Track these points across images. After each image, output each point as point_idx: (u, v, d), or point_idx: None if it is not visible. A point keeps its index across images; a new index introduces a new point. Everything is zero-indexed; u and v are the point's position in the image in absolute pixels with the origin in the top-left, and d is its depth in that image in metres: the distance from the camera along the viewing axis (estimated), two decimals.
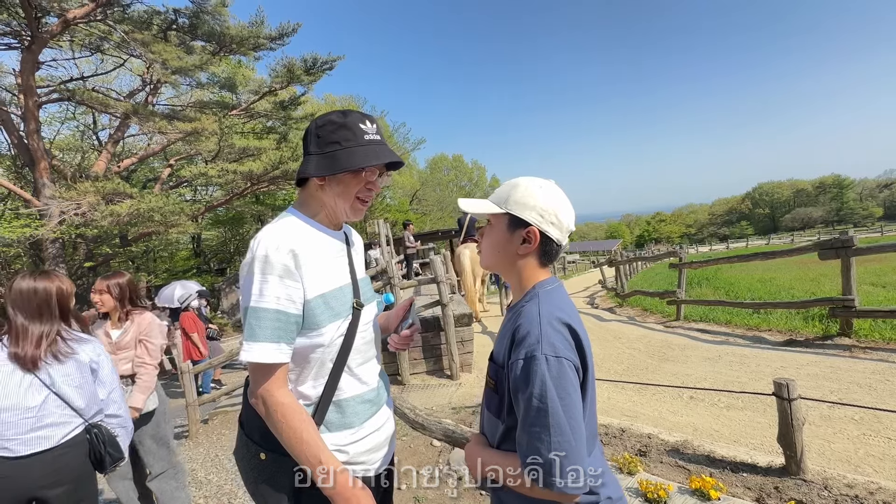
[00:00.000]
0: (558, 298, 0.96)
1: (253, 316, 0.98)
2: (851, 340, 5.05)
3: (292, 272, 1.01)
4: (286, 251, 1.01)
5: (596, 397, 0.95)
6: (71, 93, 14.22)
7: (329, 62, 17.23)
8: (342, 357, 1.10)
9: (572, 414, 0.77)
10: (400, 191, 34.82)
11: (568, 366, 0.80)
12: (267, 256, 0.99)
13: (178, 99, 19.86)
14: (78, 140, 20.72)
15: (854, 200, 77.75)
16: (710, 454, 2.80)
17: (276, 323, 0.99)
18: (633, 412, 3.98)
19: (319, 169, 1.08)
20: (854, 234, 5.13)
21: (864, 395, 3.64)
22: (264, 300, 0.98)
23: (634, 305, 10.28)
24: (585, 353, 0.86)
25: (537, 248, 0.98)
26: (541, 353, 0.81)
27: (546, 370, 0.79)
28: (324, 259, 1.10)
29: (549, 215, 0.96)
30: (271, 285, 0.98)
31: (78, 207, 12.89)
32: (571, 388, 0.79)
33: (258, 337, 0.98)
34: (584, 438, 0.79)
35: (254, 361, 0.98)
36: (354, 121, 1.09)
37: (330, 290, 1.09)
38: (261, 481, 1.08)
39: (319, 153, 1.09)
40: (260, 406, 1.01)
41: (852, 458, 2.77)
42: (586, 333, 0.92)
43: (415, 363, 5.77)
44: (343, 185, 1.11)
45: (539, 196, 0.96)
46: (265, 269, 0.99)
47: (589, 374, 0.87)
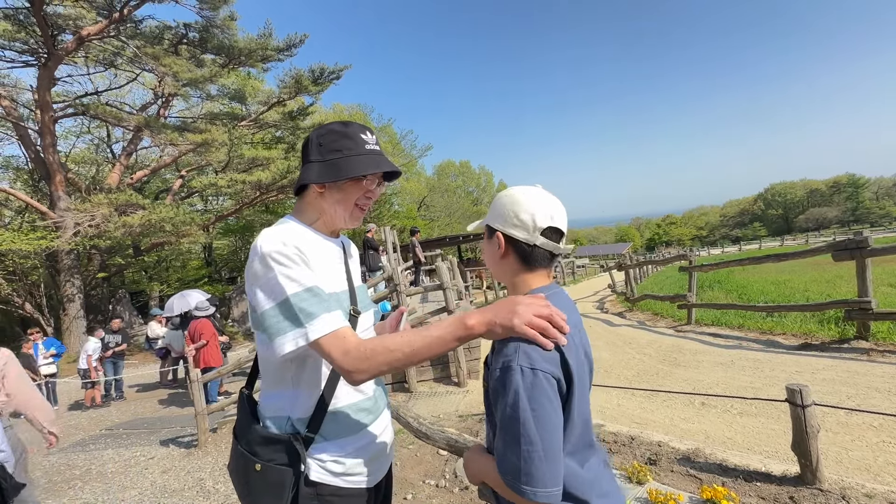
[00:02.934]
0: None
1: (297, 301, 0.93)
2: (869, 344, 4.91)
3: (306, 261, 1.00)
4: (293, 246, 1.00)
5: (589, 406, 0.93)
6: (85, 107, 14.58)
7: (336, 72, 17.46)
8: None
9: (544, 425, 0.78)
10: (408, 197, 34.96)
11: (544, 378, 0.80)
12: (278, 250, 0.97)
13: (189, 111, 20.26)
14: (92, 153, 21.21)
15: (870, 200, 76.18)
16: (722, 462, 2.73)
17: (325, 295, 0.98)
18: (644, 419, 3.90)
19: (322, 176, 1.08)
20: (869, 234, 5.01)
21: (883, 400, 3.53)
22: (302, 281, 0.96)
23: (645, 310, 10.14)
24: (570, 365, 0.84)
25: (511, 252, 0.98)
26: (516, 363, 0.81)
27: (520, 381, 0.80)
28: (322, 264, 1.09)
29: (511, 218, 0.97)
30: (298, 270, 0.97)
31: (92, 219, 13.16)
32: (546, 399, 0.79)
33: (316, 312, 0.93)
34: (556, 450, 0.79)
35: (327, 333, 0.92)
36: (355, 131, 1.11)
37: (329, 294, 1.08)
38: (256, 493, 1.06)
39: (321, 161, 1.09)
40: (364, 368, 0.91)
41: (871, 467, 2.68)
42: (580, 344, 0.90)
43: (422, 370, 5.74)
44: (343, 193, 1.11)
45: (504, 202, 0.99)
46: (281, 259, 0.97)
47: (574, 386, 0.85)
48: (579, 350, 0.91)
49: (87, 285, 15.87)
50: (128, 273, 20.41)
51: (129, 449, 5.40)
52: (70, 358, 12.14)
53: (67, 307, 14.01)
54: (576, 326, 0.95)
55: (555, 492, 0.77)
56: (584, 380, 0.90)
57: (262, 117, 18.36)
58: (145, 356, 12.85)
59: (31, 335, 8.45)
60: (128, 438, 5.92)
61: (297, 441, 1.04)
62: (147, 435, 5.98)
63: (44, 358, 8.25)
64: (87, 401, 7.94)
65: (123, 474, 4.61)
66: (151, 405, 7.89)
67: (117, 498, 4.01)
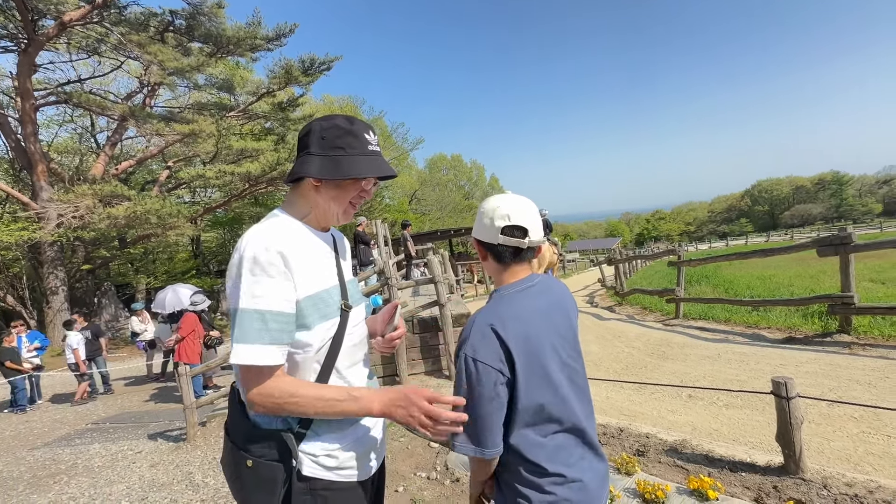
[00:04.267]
0: (510, 302, 1.07)
1: (246, 317, 0.95)
2: (851, 337, 5.03)
3: (284, 272, 0.99)
4: (275, 251, 0.98)
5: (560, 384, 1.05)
6: (68, 95, 14.20)
7: (327, 63, 17.22)
8: (330, 359, 1.08)
9: (480, 403, 0.97)
10: (399, 191, 34.81)
11: (482, 368, 0.97)
12: (256, 257, 0.96)
13: (176, 101, 19.82)
14: (76, 143, 20.71)
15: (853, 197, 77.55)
16: (708, 453, 2.79)
17: (273, 324, 0.96)
18: (632, 411, 3.96)
19: (322, 171, 1.07)
20: (853, 231, 5.11)
21: (863, 392, 3.62)
22: (258, 302, 0.95)
23: (634, 304, 10.26)
24: (514, 357, 0.98)
25: (487, 253, 1.15)
26: (463, 352, 1.00)
27: (463, 367, 0.99)
28: (312, 260, 1.08)
29: (478, 224, 1.15)
30: (264, 286, 0.96)
31: (76, 210, 12.87)
32: (481, 387, 0.97)
33: (252, 339, 0.94)
34: (486, 423, 0.98)
35: (249, 364, 0.95)
36: (360, 129, 1.09)
37: (318, 291, 1.07)
38: (248, 489, 1.05)
39: (322, 155, 1.07)
40: (261, 408, 0.98)
41: (852, 457, 2.76)
42: (530, 335, 1.01)
43: (413, 363, 5.75)
44: (340, 190, 1.10)
45: (479, 209, 1.16)
46: (255, 269, 0.96)
47: (518, 376, 0.99)
48: (545, 335, 1.05)
49: (72, 278, 15.58)
50: (113, 265, 20.06)
51: (116, 443, 5.33)
52: (54, 351, 11.93)
53: (51, 300, 13.74)
54: (550, 310, 1.10)
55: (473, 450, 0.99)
56: (545, 362, 1.03)
57: (251, 108, 18.08)
58: (132, 350, 12.68)
59: (15, 328, 8.26)
60: (115, 433, 5.85)
61: (289, 436, 1.04)
62: (134, 429, 5.91)
63: (28, 351, 8.08)
64: (81, 395, 7.81)
65: (110, 468, 4.56)
66: (138, 399, 7.80)
67: (104, 492, 3.97)
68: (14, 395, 7.54)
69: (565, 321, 1.14)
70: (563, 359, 1.08)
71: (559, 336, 1.09)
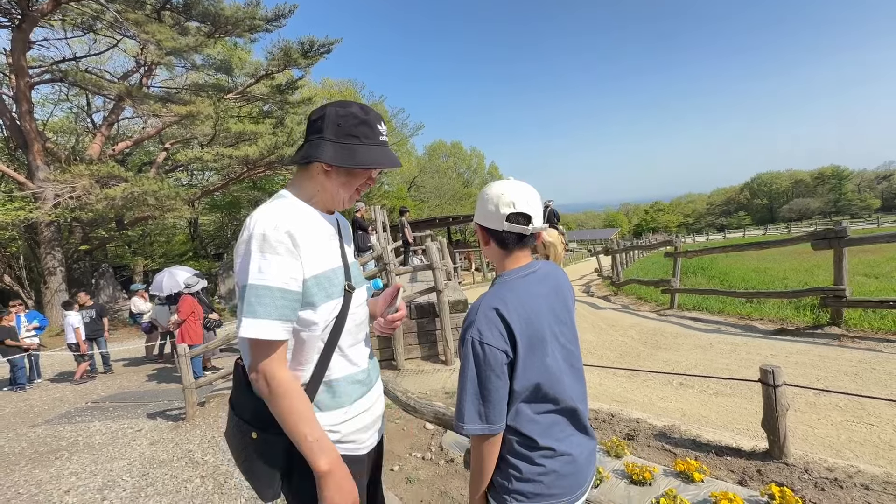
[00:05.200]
0: (513, 287, 1.11)
1: (253, 293, 0.99)
2: (841, 330, 5.12)
3: (291, 250, 1.03)
4: (284, 230, 1.02)
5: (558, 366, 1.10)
6: (63, 73, 14.01)
7: (326, 45, 16.99)
8: (333, 338, 1.13)
9: (485, 385, 1.03)
10: (398, 177, 34.63)
11: (489, 350, 1.02)
12: (265, 235, 1.00)
13: (173, 81, 19.53)
14: (72, 122, 20.45)
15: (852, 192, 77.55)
16: (696, 438, 2.87)
17: (281, 301, 1.00)
18: (624, 398, 4.05)
19: (336, 158, 1.09)
20: (848, 225, 5.16)
21: (849, 382, 3.71)
22: (266, 278, 0.99)
23: (629, 294, 10.35)
24: (516, 339, 1.03)
25: (491, 240, 1.17)
26: (469, 336, 1.04)
27: (470, 350, 1.03)
28: (318, 241, 1.12)
29: (482, 211, 1.17)
30: (272, 263, 1.00)
31: (72, 190, 12.79)
32: (489, 368, 1.02)
33: (260, 314, 0.98)
34: (495, 400, 1.03)
35: (256, 338, 0.99)
36: (374, 120, 1.13)
37: (323, 271, 1.11)
38: (252, 460, 1.10)
39: (336, 142, 1.10)
40: (262, 383, 1.02)
41: (834, 444, 2.84)
42: (531, 319, 1.06)
43: (410, 349, 5.82)
44: (350, 177, 1.14)
45: (479, 198, 1.19)
46: (264, 247, 1.00)
47: (519, 356, 1.04)
48: (546, 319, 1.10)
49: (69, 258, 15.54)
50: (111, 247, 20.02)
51: (117, 421, 5.41)
52: (53, 331, 11.99)
53: (48, 280, 13.74)
54: (550, 296, 1.15)
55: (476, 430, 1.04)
56: (545, 345, 1.08)
57: (249, 90, 17.85)
58: (130, 331, 12.76)
59: (13, 307, 8.29)
60: (115, 411, 5.93)
61: None
62: (134, 408, 5.99)
63: (26, 331, 8.13)
64: (80, 375, 7.88)
65: (111, 445, 4.64)
66: (138, 379, 7.88)
67: (105, 468, 4.05)
68: (13, 373, 7.61)
69: (564, 306, 1.20)
70: (562, 342, 1.14)
71: (558, 321, 1.15)
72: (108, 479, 3.79)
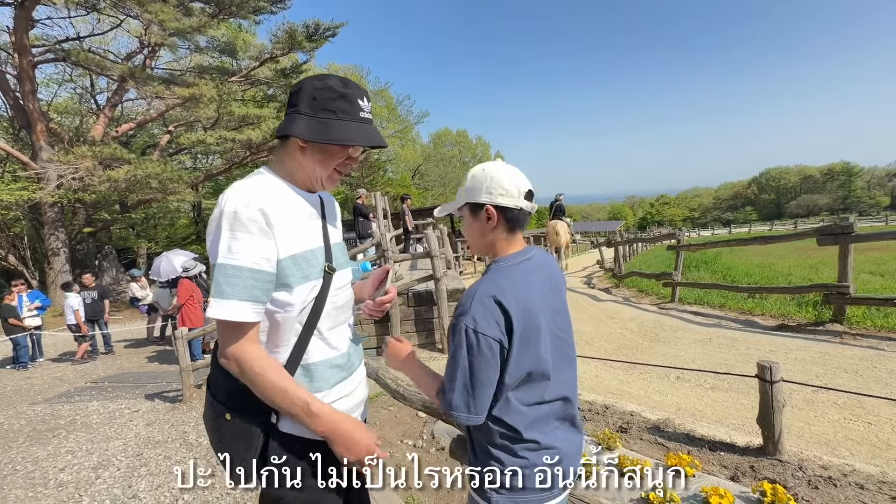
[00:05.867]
0: (509, 274, 1.07)
1: (222, 273, 0.95)
2: (843, 327, 5.05)
3: (264, 229, 0.98)
4: (256, 208, 0.98)
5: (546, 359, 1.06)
6: (66, 53, 13.88)
7: (332, 28, 16.75)
8: (311, 321, 1.09)
9: (477, 375, 1.00)
10: (402, 164, 34.50)
11: (483, 340, 0.98)
12: (237, 212, 0.96)
13: (177, 63, 19.42)
14: (76, 103, 20.40)
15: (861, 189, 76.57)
16: (689, 433, 2.84)
17: (251, 281, 0.96)
18: (620, 390, 4.02)
19: (310, 133, 1.04)
20: (854, 221, 5.06)
21: (849, 380, 3.66)
22: (236, 257, 0.95)
23: (631, 286, 10.28)
24: (513, 328, 1.00)
25: (501, 220, 1.10)
26: (462, 323, 0.99)
27: (463, 338, 0.99)
28: (295, 220, 1.07)
29: (496, 189, 1.08)
30: (243, 242, 0.96)
31: (75, 172, 12.79)
32: (482, 358, 0.99)
33: (229, 294, 0.95)
34: (484, 391, 1.01)
35: (224, 319, 0.95)
36: (354, 94, 1.06)
37: (301, 251, 1.06)
38: (226, 442, 1.07)
39: (311, 116, 1.05)
40: (232, 365, 0.99)
41: (830, 441, 2.80)
42: (528, 308, 1.02)
43: (407, 336, 5.81)
44: (326, 155, 1.08)
45: (482, 178, 1.10)
46: (235, 225, 0.96)
47: (514, 346, 1.00)
48: (541, 308, 1.06)
49: (73, 240, 15.61)
50: (115, 229, 20.09)
51: (114, 401, 5.46)
52: (55, 311, 12.08)
53: (52, 261, 13.82)
54: (545, 284, 1.11)
55: (471, 417, 1.02)
56: (539, 334, 1.04)
57: (253, 73, 17.68)
58: (132, 312, 12.84)
59: (16, 287, 8.34)
60: (113, 392, 5.98)
61: None
62: (132, 389, 6.03)
63: (28, 310, 8.18)
64: (81, 355, 7.95)
65: (108, 425, 4.68)
66: (138, 361, 7.94)
67: (101, 447, 4.08)
68: (16, 352, 7.68)
69: (558, 295, 1.16)
70: (556, 332, 1.11)
71: (553, 310, 1.11)
72: (103, 458, 3.82)
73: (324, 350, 1.12)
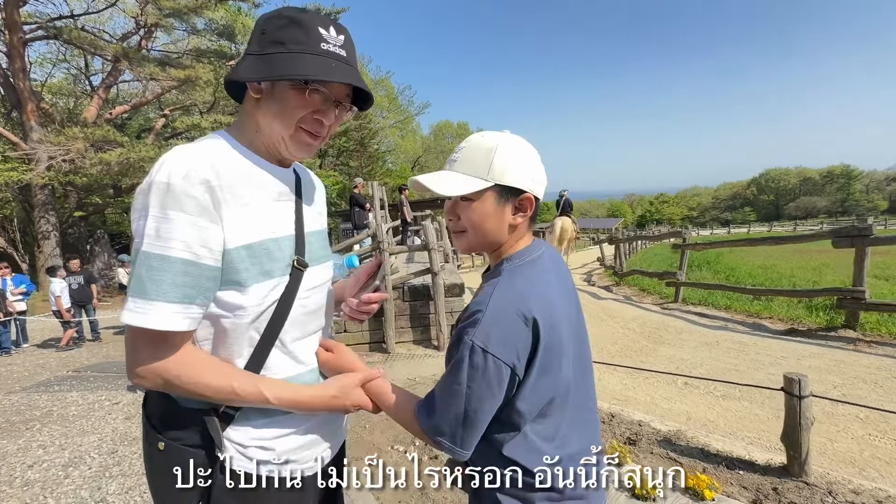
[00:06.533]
0: (528, 276, 0.84)
1: (145, 264, 0.71)
2: (856, 333, 4.85)
3: (207, 209, 0.74)
4: (198, 180, 0.74)
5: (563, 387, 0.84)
6: (58, 31, 13.48)
7: (332, 14, 16.42)
8: (272, 329, 0.84)
9: (474, 406, 0.78)
10: (402, 156, 34.14)
11: (493, 363, 0.76)
12: (170, 184, 0.72)
13: (174, 46, 18.98)
14: (70, 84, 19.98)
15: (860, 192, 76.63)
16: (704, 447, 2.63)
17: (183, 277, 0.72)
18: (625, 396, 3.81)
19: (249, 71, 0.80)
20: (872, 223, 4.85)
21: (869, 392, 3.46)
22: (165, 244, 0.71)
23: (632, 285, 10.09)
24: (537, 352, 0.78)
25: (528, 210, 0.89)
26: (469, 338, 0.77)
27: (467, 357, 0.77)
28: (255, 199, 0.83)
29: (538, 175, 0.89)
30: (176, 224, 0.72)
31: (67, 153, 12.45)
32: (486, 386, 0.77)
33: (152, 293, 0.71)
34: (477, 424, 0.80)
35: (146, 328, 0.71)
36: (312, 21, 0.80)
37: (260, 240, 0.82)
38: (157, 476, 0.84)
39: (258, 53, 0.81)
40: (151, 381, 0.77)
41: (856, 460, 2.60)
42: (554, 322, 0.80)
43: (401, 331, 5.59)
44: (281, 104, 0.82)
45: (526, 157, 0.87)
46: (166, 202, 0.72)
47: (532, 373, 0.79)
48: (563, 316, 0.83)
49: (64, 223, 15.29)
50: (108, 213, 19.75)
51: (95, 392, 5.22)
52: (44, 296, 11.82)
53: (42, 244, 13.53)
54: (561, 285, 0.89)
55: (456, 450, 0.81)
56: (563, 354, 0.82)
57: None
58: (122, 298, 12.55)
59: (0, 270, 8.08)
60: (95, 381, 5.74)
61: (212, 419, 0.81)
62: (115, 379, 5.79)
63: (13, 295, 7.93)
64: (66, 342, 7.71)
65: (85, 418, 4.44)
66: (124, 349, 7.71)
67: (75, 442, 3.85)
68: None
69: (575, 299, 0.95)
70: (578, 348, 0.89)
71: (574, 319, 0.90)
72: (76, 455, 3.59)
73: (288, 365, 0.88)
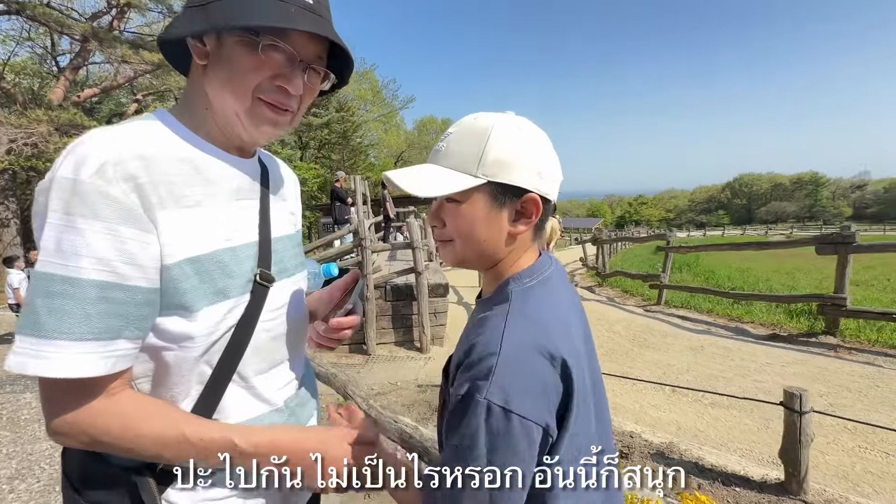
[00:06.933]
0: (543, 301, 0.64)
1: (43, 289, 0.52)
2: (837, 340, 4.90)
3: (133, 214, 0.55)
4: (120, 176, 0.54)
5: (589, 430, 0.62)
6: (21, 6, 12.70)
7: None
8: (229, 360, 0.66)
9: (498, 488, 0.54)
10: (385, 150, 33.72)
11: (519, 424, 0.53)
12: (77, 182, 0.52)
13: (149, 28, 18.20)
14: (35, 63, 18.97)
15: (827, 199, 79.90)
16: (698, 461, 2.54)
17: (102, 305, 0.53)
18: (614, 403, 3.72)
19: (184, 26, 0.62)
20: (856, 231, 4.90)
21: (855, 401, 3.45)
22: (70, 263, 0.52)
23: (615, 286, 10.12)
24: (571, 401, 0.57)
25: (534, 213, 0.66)
26: (483, 396, 0.54)
27: (482, 422, 0.54)
28: (204, 198, 0.64)
29: (548, 169, 0.66)
30: (87, 236, 0.52)
31: (28, 137, 11.79)
32: (512, 455, 0.53)
33: (51, 330, 0.51)
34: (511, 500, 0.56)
35: (49, 377, 0.51)
36: None
37: (211, 251, 0.63)
38: None
39: (199, 4, 0.62)
40: (80, 439, 0.57)
41: (849, 474, 2.56)
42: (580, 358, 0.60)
43: (383, 332, 5.40)
44: (230, 68, 0.62)
45: (529, 144, 0.64)
46: (72, 205, 0.52)
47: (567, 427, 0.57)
48: (584, 350, 0.64)
49: (25, 211, 14.50)
50: None
51: None
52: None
53: (1, 233, 12.80)
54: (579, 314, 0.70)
55: None
56: (588, 394, 0.62)
57: None
58: None
59: None
60: None
61: (146, 480, 0.63)
62: None
63: None
64: None
65: (38, 422, 4.11)
66: None
67: (25, 450, 3.55)
68: None
69: (586, 321, 0.75)
70: (596, 379, 0.69)
71: (590, 345, 0.70)
72: (24, 466, 3.30)
73: (249, 405, 0.70)
